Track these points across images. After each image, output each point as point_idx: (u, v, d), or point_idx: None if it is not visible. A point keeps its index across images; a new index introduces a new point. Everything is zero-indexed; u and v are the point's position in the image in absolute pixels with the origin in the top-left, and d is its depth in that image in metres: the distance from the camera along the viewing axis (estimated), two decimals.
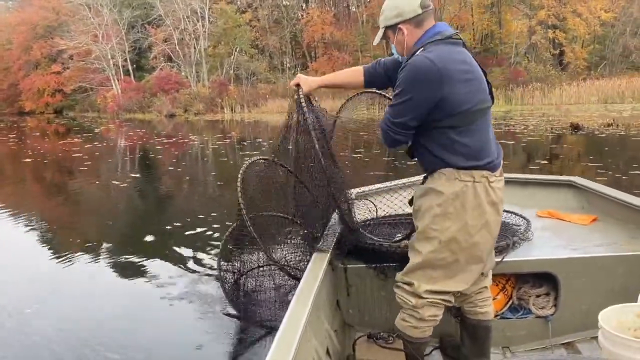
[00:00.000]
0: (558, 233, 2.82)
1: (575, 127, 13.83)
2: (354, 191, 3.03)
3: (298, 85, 2.28)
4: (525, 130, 14.28)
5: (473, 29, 37.44)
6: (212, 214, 6.06)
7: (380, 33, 2.03)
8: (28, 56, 42.40)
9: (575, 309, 2.45)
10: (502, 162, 1.98)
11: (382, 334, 2.23)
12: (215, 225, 5.54)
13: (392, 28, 1.97)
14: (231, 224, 3.02)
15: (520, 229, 2.68)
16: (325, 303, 2.21)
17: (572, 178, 3.49)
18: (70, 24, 37.89)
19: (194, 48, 35.38)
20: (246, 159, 2.63)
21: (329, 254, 2.31)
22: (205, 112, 31.13)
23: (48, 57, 41.81)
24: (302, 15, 39.50)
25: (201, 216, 5.96)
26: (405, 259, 2.08)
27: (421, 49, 1.85)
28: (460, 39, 1.93)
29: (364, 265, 2.47)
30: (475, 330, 2.17)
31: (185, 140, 15.99)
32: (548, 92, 29.41)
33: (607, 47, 35.99)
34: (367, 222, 2.85)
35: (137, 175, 9.75)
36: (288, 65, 38.90)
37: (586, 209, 3.27)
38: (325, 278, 2.18)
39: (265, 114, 29.69)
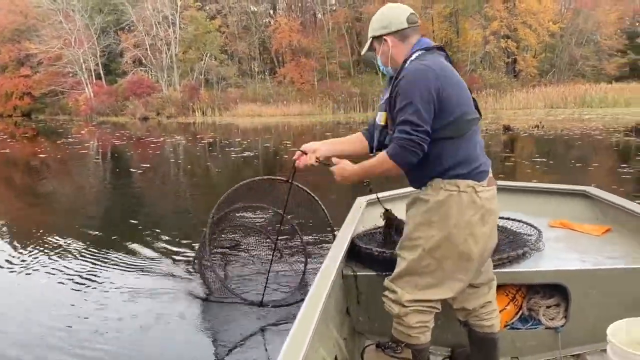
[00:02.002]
0: (570, 244, 2.85)
1: (507, 128, 16.47)
2: (369, 197, 3.19)
3: (304, 152, 2.31)
4: None
5: (433, 37, 40.37)
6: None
7: (367, 43, 2.12)
8: None
9: (586, 321, 2.47)
10: (489, 172, 1.99)
11: (390, 343, 2.21)
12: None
13: (378, 39, 2.06)
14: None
15: (531, 239, 2.72)
16: (334, 311, 2.23)
17: (585, 188, 3.52)
18: (40, 28, 39.13)
19: (165, 53, 37.20)
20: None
21: (339, 262, 2.33)
22: (177, 115, 33.02)
23: (16, 61, 42.79)
24: (270, 22, 41.75)
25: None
26: None
27: (412, 58, 1.94)
28: (445, 51, 2.04)
29: (375, 273, 2.48)
30: (482, 343, 2.21)
31: (171, 140, 18.02)
32: (500, 98, 32.42)
33: (556, 55, 39.49)
34: (380, 229, 2.89)
35: (147, 165, 11.76)
36: (257, 70, 41.00)
37: (600, 220, 3.29)
38: (335, 286, 2.21)
39: (235, 117, 31.83)
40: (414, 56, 1.94)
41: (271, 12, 44.29)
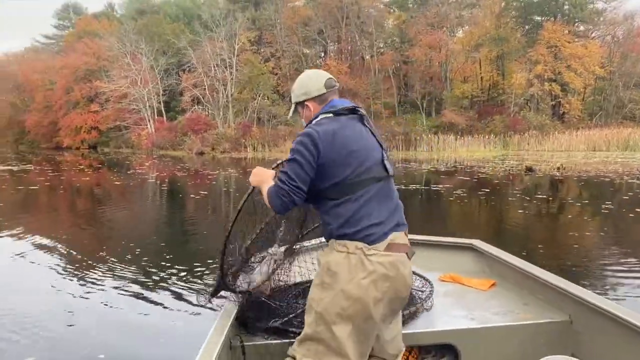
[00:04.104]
0: (459, 299, 2.98)
1: (529, 169, 18.29)
2: (270, 250, 3.08)
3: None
4: (490, 170, 18.90)
5: (481, 78, 42.48)
6: None
7: (292, 108, 2.33)
8: (68, 96, 48.80)
9: None
10: (391, 237, 2.01)
11: None
12: None
13: (301, 104, 2.26)
14: None
15: (422, 295, 2.84)
16: None
17: (473, 241, 3.74)
18: (110, 69, 44.20)
19: (222, 93, 41.19)
20: None
21: (226, 331, 2.25)
22: (230, 151, 36.55)
23: (87, 98, 48.09)
24: (321, 64, 45.18)
25: None
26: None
27: (312, 123, 2.15)
28: (356, 112, 2.18)
29: (264, 342, 2.42)
30: None
31: (225, 173, 20.99)
32: (542, 140, 34.00)
33: (603, 98, 40.70)
34: (277, 288, 2.80)
35: (205, 192, 14.55)
36: None
37: (486, 273, 3.49)
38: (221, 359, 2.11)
39: (284, 153, 34.90)
40: (314, 121, 2.15)
41: (322, 54, 47.91)
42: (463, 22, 45.13)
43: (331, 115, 2.13)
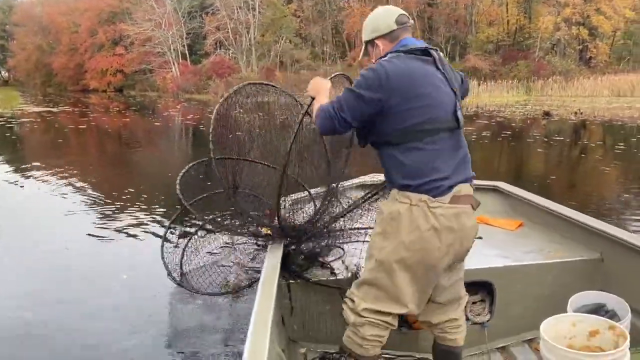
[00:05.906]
0: (489, 240, 3.06)
1: (547, 114, 19.11)
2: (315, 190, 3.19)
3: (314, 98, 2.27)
4: (509, 115, 19.73)
5: (507, 22, 42.07)
6: None
7: (362, 48, 2.26)
8: (93, 39, 49.74)
9: (509, 314, 2.72)
10: (456, 189, 1.97)
11: (334, 354, 2.23)
12: None
13: (371, 43, 2.18)
14: None
15: None
16: (273, 323, 2.10)
17: (497, 183, 3.82)
18: (133, 12, 44.85)
19: (245, 36, 41.76)
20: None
21: (278, 272, 2.39)
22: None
23: (111, 40, 49.01)
24: (345, 6, 45.13)
25: None
26: (348, 273, 2.42)
27: (384, 58, 2.03)
28: (430, 55, 2.03)
29: (308, 280, 2.62)
30: (444, 356, 2.29)
31: (249, 116, 22.28)
32: (565, 85, 34.18)
33: (633, 43, 40.17)
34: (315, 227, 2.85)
35: (239, 133, 15.99)
36: (329, 53, 44.65)
37: (510, 214, 3.57)
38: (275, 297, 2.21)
39: (307, 98, 35.74)
40: (386, 57, 2.04)
41: None
42: None
43: (401, 54, 2.03)
